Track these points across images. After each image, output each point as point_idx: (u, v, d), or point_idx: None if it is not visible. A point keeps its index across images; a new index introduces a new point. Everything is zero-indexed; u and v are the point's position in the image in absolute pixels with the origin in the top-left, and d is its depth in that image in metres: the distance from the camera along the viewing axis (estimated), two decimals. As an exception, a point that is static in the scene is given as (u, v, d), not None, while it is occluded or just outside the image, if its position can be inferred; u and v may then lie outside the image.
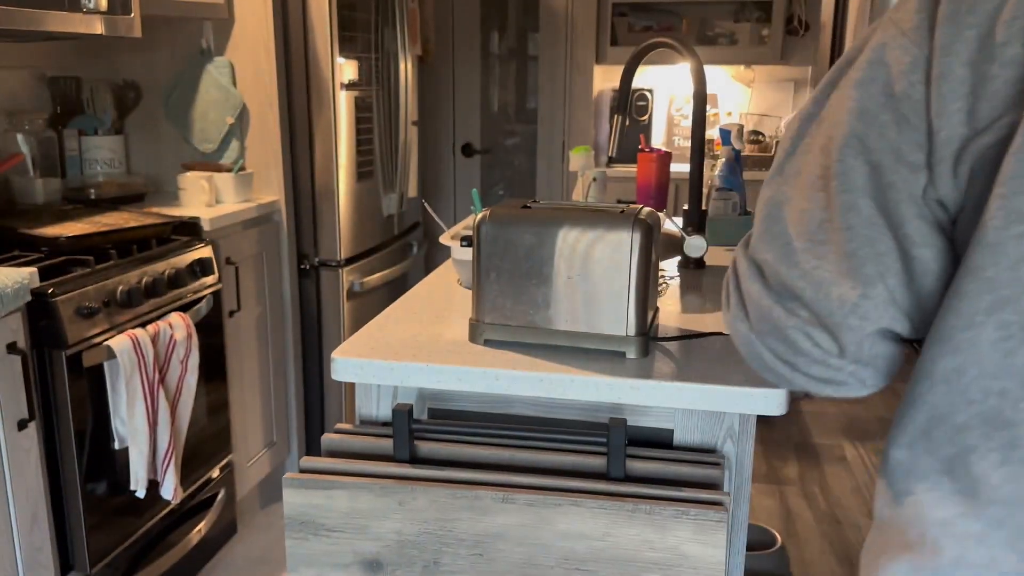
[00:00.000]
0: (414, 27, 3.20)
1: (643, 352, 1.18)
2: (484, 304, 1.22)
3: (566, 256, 1.17)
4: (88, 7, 2.01)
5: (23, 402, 1.75)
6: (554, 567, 1.06)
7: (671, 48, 1.74)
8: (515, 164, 4.64)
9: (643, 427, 1.18)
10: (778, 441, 3.45)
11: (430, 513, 1.08)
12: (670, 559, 1.03)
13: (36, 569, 1.81)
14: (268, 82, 2.61)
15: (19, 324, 1.74)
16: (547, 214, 1.19)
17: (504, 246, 1.19)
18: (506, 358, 1.17)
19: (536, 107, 4.34)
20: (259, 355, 2.64)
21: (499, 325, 1.22)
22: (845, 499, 2.99)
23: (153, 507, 2.14)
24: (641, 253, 1.15)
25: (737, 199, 1.98)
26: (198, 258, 2.24)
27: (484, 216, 1.20)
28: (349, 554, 1.11)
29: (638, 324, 1.18)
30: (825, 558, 2.61)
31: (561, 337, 1.20)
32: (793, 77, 4.32)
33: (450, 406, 1.24)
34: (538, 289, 1.19)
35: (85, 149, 2.59)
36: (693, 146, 1.74)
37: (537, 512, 1.05)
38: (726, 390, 1.08)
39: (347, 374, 1.17)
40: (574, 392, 1.12)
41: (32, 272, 1.76)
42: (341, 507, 1.09)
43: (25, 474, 1.77)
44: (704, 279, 1.64)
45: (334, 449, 1.18)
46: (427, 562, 1.09)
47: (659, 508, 1.02)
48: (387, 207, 3.10)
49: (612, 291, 1.17)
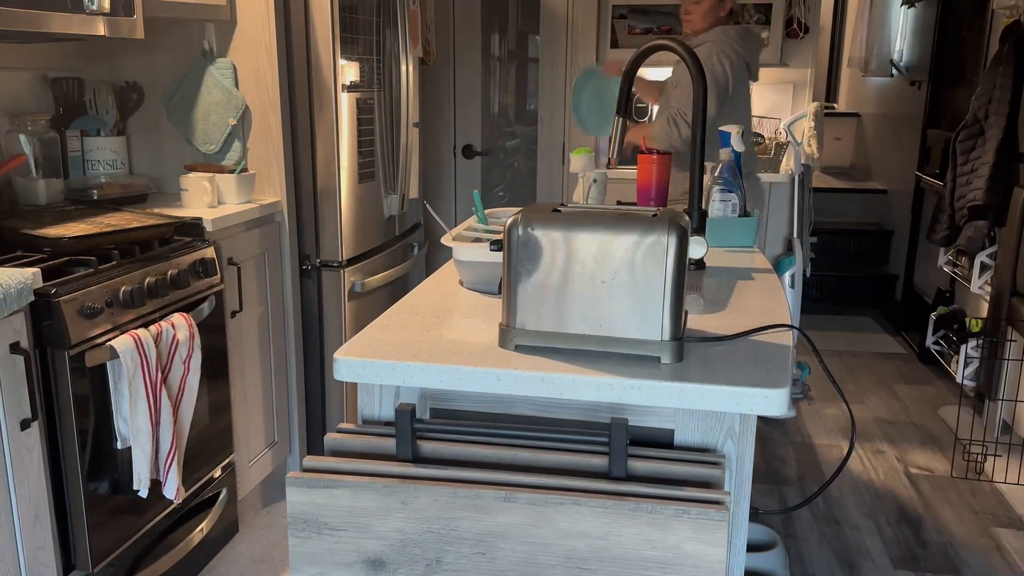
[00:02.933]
0: (415, 29, 3.20)
1: (678, 356, 1.17)
2: (515, 309, 1.20)
3: (599, 260, 1.16)
4: (91, 8, 2.02)
5: (26, 402, 1.75)
6: (556, 566, 1.07)
7: (671, 50, 1.75)
8: (516, 166, 4.65)
9: (644, 427, 1.19)
10: (778, 441, 3.46)
11: (432, 512, 1.08)
12: (671, 558, 1.03)
13: (38, 568, 1.82)
14: (270, 84, 2.62)
15: (22, 324, 1.74)
16: (580, 218, 1.17)
17: (535, 250, 1.18)
18: (506, 358, 1.18)
19: (536, 109, 4.34)
20: (261, 355, 2.64)
21: (530, 331, 1.20)
22: (845, 499, 2.99)
23: (155, 506, 2.15)
24: (676, 256, 1.14)
25: (737, 200, 1.99)
26: (200, 258, 2.25)
27: (516, 220, 1.18)
28: (352, 553, 1.11)
29: (673, 328, 1.16)
30: (825, 558, 2.62)
31: (593, 342, 1.18)
32: (792, 79, 4.33)
33: (452, 406, 1.25)
34: (570, 293, 1.18)
35: (87, 150, 2.60)
36: (693, 147, 1.75)
37: (539, 511, 1.06)
38: (726, 390, 1.09)
39: (350, 374, 1.18)
40: (574, 392, 1.13)
41: (35, 272, 1.77)
42: (344, 506, 1.10)
43: (28, 473, 1.78)
44: (704, 279, 1.65)
45: (337, 448, 1.19)
46: (429, 561, 1.10)
47: (660, 507, 1.03)
48: (388, 208, 3.11)
49: (647, 295, 1.15)
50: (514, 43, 4.57)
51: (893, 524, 2.83)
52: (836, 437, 3.51)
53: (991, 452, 3.20)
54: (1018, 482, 3.08)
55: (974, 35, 4.20)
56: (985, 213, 3.45)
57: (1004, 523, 2.84)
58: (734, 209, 1.99)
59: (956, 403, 3.71)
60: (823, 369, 1.35)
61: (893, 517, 2.88)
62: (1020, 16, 3.44)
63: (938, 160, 4.38)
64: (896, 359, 4.50)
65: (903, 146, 5.32)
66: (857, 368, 4.35)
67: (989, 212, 3.44)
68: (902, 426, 3.64)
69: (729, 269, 1.73)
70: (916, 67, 5.18)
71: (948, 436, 3.49)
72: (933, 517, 2.88)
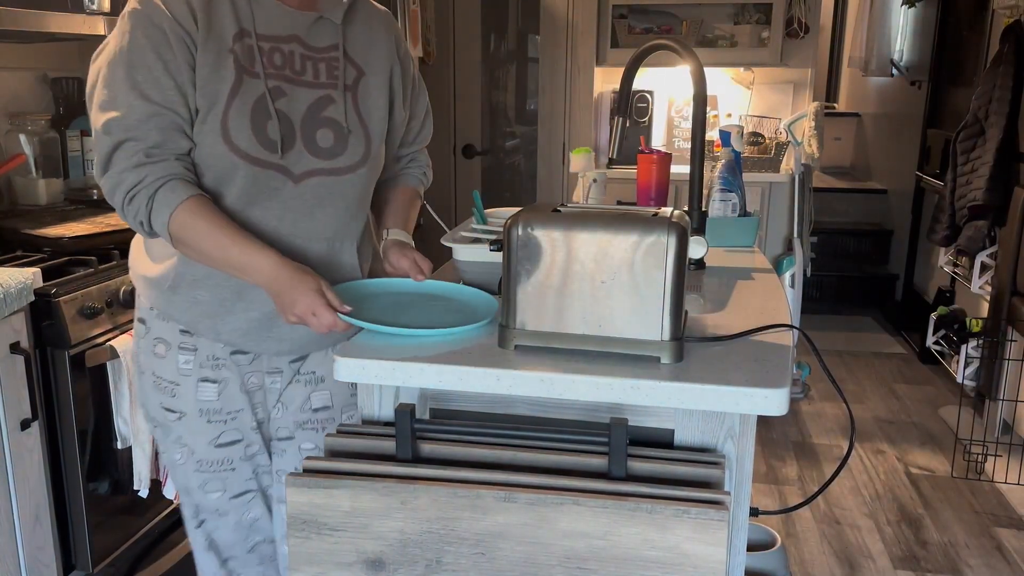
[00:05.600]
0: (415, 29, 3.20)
1: (678, 356, 1.17)
2: (514, 309, 1.20)
3: (599, 260, 1.16)
4: (91, 8, 2.02)
5: (26, 402, 1.75)
6: (555, 566, 1.07)
7: (671, 50, 1.75)
8: (516, 165, 4.65)
9: (644, 427, 1.19)
10: (778, 441, 3.46)
11: (432, 512, 1.08)
12: (671, 558, 1.03)
13: (38, 568, 1.82)
14: (270, 83, 2.61)
15: (22, 324, 1.74)
16: (580, 218, 1.17)
17: (535, 250, 1.17)
18: (506, 358, 1.18)
19: (537, 109, 4.34)
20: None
21: (530, 331, 1.20)
22: (845, 499, 2.99)
23: (155, 506, 2.15)
24: (676, 256, 1.14)
25: (737, 200, 1.99)
26: (200, 259, 2.24)
27: (515, 220, 1.18)
28: (351, 553, 1.11)
29: (673, 328, 1.16)
30: (825, 558, 2.62)
31: (593, 342, 1.18)
32: (793, 79, 4.33)
33: (452, 406, 1.25)
34: (569, 293, 1.18)
35: (87, 150, 2.60)
36: (693, 147, 1.75)
37: (538, 511, 1.06)
38: (726, 390, 1.09)
39: (349, 374, 1.18)
40: (574, 392, 1.13)
41: (35, 272, 1.77)
42: (343, 506, 1.10)
43: (28, 473, 1.78)
44: (704, 279, 1.65)
45: (336, 449, 1.19)
46: (429, 561, 1.10)
47: (660, 507, 1.03)
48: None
49: (646, 295, 1.15)
50: (514, 43, 4.58)
51: (893, 524, 2.83)
52: (836, 437, 3.51)
53: (991, 452, 3.20)
54: (1018, 482, 3.08)
55: (974, 35, 4.20)
56: (985, 213, 3.45)
57: (1004, 523, 2.84)
58: (734, 209, 1.99)
59: (956, 403, 3.71)
60: (823, 369, 1.35)
61: (893, 517, 2.88)
62: (1020, 16, 3.45)
63: (938, 160, 4.38)
64: (896, 359, 4.50)
65: (903, 146, 5.33)
66: (857, 368, 4.35)
67: (989, 212, 3.44)
68: (902, 426, 3.64)
69: (729, 269, 1.73)
70: (916, 67, 5.18)
71: (948, 436, 3.49)
72: (933, 517, 2.88)
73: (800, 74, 4.31)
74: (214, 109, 1.33)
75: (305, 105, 1.40)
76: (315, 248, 1.46)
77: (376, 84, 1.50)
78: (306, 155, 1.40)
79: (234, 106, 1.34)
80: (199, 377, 1.48)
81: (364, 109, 1.47)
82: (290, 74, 1.40)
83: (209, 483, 1.54)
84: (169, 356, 1.48)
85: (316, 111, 1.41)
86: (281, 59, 1.40)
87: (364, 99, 1.48)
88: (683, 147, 4.22)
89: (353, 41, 1.48)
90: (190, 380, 1.48)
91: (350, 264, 1.52)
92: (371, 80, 1.49)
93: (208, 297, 1.43)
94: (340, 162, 1.44)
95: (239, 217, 1.38)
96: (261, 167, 1.37)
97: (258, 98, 1.35)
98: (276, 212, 1.41)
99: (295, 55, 1.41)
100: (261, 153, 1.36)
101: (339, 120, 1.43)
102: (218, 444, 1.52)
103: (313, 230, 1.45)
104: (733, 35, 4.20)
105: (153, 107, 1.31)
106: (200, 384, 1.48)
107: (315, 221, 1.44)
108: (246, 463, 1.56)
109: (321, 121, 1.42)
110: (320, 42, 1.44)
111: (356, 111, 1.46)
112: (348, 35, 1.48)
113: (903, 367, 4.38)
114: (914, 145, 4.98)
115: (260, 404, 1.56)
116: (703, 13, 4.23)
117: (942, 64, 4.67)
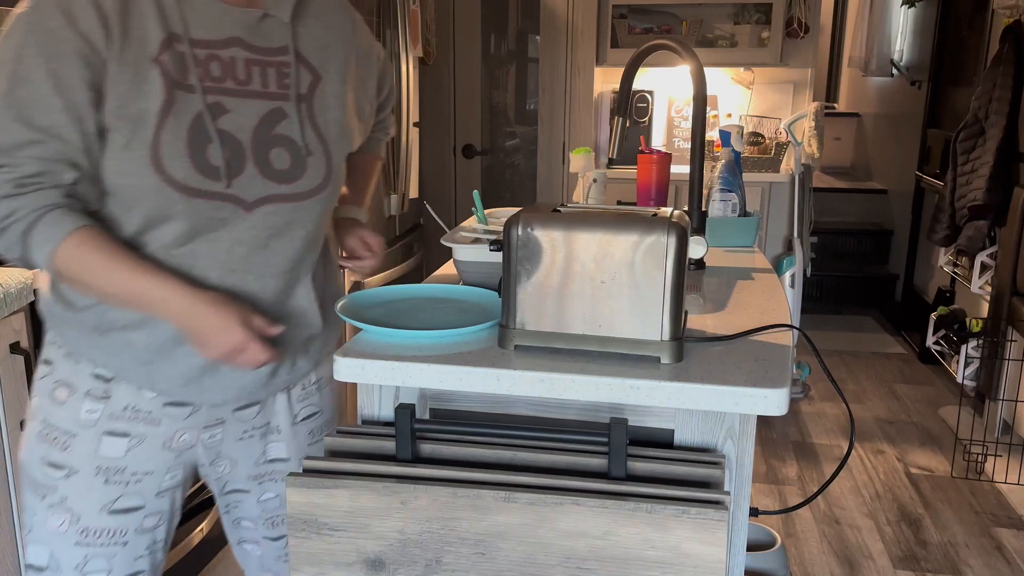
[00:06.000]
0: (415, 29, 3.20)
1: (677, 357, 1.17)
2: (514, 309, 1.20)
3: (599, 260, 1.16)
4: None
5: (26, 402, 1.75)
6: (555, 566, 1.07)
7: (671, 50, 1.75)
8: (516, 165, 4.65)
9: (644, 427, 1.19)
10: (778, 441, 3.46)
11: (432, 512, 1.08)
12: (671, 558, 1.03)
13: (39, 568, 1.82)
14: (270, 83, 2.61)
15: (22, 324, 1.74)
16: (579, 218, 1.17)
17: (535, 250, 1.17)
18: (506, 358, 1.18)
19: (536, 109, 4.35)
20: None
21: (530, 331, 1.20)
22: (845, 499, 2.99)
23: (155, 507, 2.15)
24: (676, 256, 1.14)
25: (737, 200, 1.99)
26: (200, 259, 2.24)
27: (515, 220, 1.18)
28: (351, 553, 1.11)
29: (673, 328, 1.16)
30: (825, 558, 2.62)
31: (593, 342, 1.18)
32: (793, 79, 4.33)
33: (452, 406, 1.25)
34: (569, 293, 1.17)
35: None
36: (693, 147, 1.75)
37: (538, 511, 1.06)
38: (726, 390, 1.09)
39: (349, 374, 1.18)
40: (574, 392, 1.13)
41: (35, 272, 1.77)
42: (343, 506, 1.10)
43: (28, 474, 1.78)
44: (704, 279, 1.65)
45: (336, 449, 1.19)
46: (429, 561, 1.10)
47: (660, 507, 1.03)
48: (388, 208, 3.11)
49: (646, 295, 1.15)
50: (514, 43, 4.58)
51: (893, 524, 2.83)
52: (836, 437, 3.51)
53: (991, 452, 3.21)
54: (1018, 482, 3.08)
55: (974, 35, 4.20)
56: (985, 213, 3.45)
57: (1004, 523, 2.84)
58: (734, 209, 1.99)
59: (956, 403, 3.72)
60: (823, 369, 1.35)
61: (893, 517, 2.88)
62: (1020, 16, 3.45)
63: (938, 160, 4.38)
64: (896, 359, 4.50)
65: (903, 146, 5.33)
66: (857, 368, 4.35)
67: (989, 212, 3.44)
68: (902, 426, 3.64)
69: (729, 269, 1.73)
70: (916, 67, 5.19)
71: (948, 436, 3.49)
72: (933, 517, 2.88)
73: (800, 74, 4.31)
74: (140, 133, 1.13)
75: (253, 121, 1.21)
76: (270, 285, 1.27)
77: (334, 91, 1.30)
78: (260, 179, 1.21)
79: (166, 128, 1.14)
80: (105, 430, 1.26)
81: (322, 121, 1.28)
82: (233, 85, 1.20)
83: (91, 561, 1.29)
84: (70, 403, 1.26)
85: (267, 127, 1.22)
86: (220, 68, 1.19)
87: (322, 111, 1.28)
88: (683, 147, 4.23)
89: (307, 39, 1.28)
90: (90, 432, 1.26)
91: (306, 302, 1.33)
92: (328, 86, 1.29)
93: (144, 340, 1.23)
94: (299, 186, 1.25)
95: (179, 251, 1.20)
96: (204, 198, 1.17)
97: (195, 117, 1.16)
98: (225, 245, 1.21)
99: (237, 61, 1.20)
100: (202, 183, 1.17)
101: (294, 138, 1.24)
102: (112, 510, 1.29)
103: (268, 264, 1.26)
104: (733, 35, 4.20)
105: (33, 133, 1.10)
106: (104, 438, 1.26)
107: (270, 253, 1.25)
108: (142, 536, 1.32)
109: (274, 139, 1.23)
110: (267, 43, 1.23)
111: (313, 126, 1.27)
112: (300, 33, 1.27)
113: (903, 367, 4.38)
114: (914, 145, 4.98)
115: (186, 464, 1.36)
116: (703, 13, 4.24)
117: (942, 64, 4.67)
